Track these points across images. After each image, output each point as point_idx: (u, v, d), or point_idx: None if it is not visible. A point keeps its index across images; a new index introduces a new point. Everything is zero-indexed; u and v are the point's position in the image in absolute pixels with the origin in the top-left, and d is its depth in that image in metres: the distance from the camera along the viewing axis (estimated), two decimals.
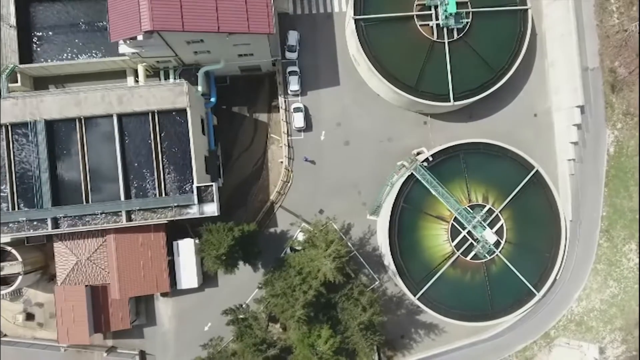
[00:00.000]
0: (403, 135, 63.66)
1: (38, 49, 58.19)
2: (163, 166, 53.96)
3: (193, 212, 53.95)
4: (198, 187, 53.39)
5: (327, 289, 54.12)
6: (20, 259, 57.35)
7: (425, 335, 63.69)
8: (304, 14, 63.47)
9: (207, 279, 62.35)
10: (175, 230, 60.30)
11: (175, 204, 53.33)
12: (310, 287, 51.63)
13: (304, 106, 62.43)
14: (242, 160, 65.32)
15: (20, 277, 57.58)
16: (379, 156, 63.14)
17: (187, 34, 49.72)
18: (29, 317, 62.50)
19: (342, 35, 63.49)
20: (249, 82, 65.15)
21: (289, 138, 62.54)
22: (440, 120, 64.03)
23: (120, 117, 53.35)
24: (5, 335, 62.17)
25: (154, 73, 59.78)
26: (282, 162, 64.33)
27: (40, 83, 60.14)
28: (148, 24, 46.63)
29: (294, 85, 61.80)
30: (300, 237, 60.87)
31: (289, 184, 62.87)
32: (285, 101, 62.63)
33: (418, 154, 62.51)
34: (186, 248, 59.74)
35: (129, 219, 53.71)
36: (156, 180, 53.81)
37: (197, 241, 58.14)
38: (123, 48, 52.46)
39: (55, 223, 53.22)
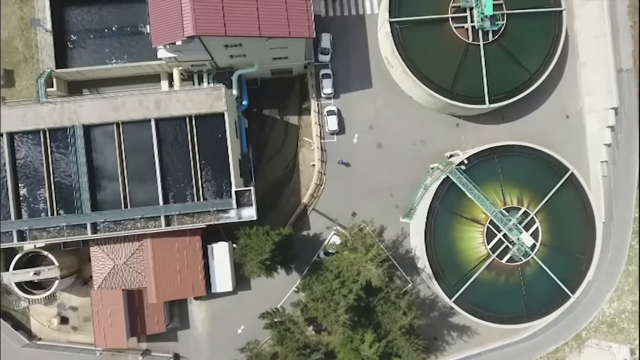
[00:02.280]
0: (435, 138, 63.56)
1: (73, 54, 58.13)
2: (201, 170, 54.00)
3: (231, 216, 54.04)
4: (236, 192, 53.51)
5: (365, 293, 54.16)
6: (57, 264, 57.47)
7: (458, 337, 63.77)
8: (336, 16, 63.25)
9: (240, 282, 62.38)
10: (208, 234, 60.39)
11: (214, 209, 53.39)
12: (350, 290, 51.65)
13: (337, 109, 62.35)
14: (273, 163, 65.28)
15: (57, 282, 57.70)
16: (411, 159, 63.10)
17: (226, 38, 49.64)
18: (63, 320, 62.63)
19: (374, 38, 63.29)
20: (279, 85, 64.97)
21: (322, 141, 62.46)
22: (472, 122, 63.92)
23: (158, 121, 53.46)
24: (40, 339, 62.45)
25: (187, 77, 59.68)
26: (313, 164, 64.30)
27: (74, 87, 60.14)
28: (191, 29, 46.51)
29: (327, 88, 61.64)
30: (335, 240, 61.01)
31: (322, 187, 62.84)
32: (318, 104, 62.51)
33: (451, 156, 62.45)
34: (221, 251, 59.77)
35: (168, 224, 53.81)
36: (194, 185, 53.90)
37: (234, 245, 58.04)
38: (162, 53, 52.39)
39: (95, 228, 53.40)
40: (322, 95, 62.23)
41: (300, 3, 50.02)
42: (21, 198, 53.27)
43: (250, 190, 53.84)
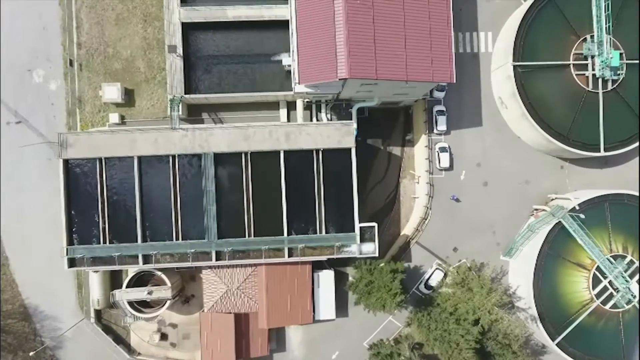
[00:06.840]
0: (540, 179, 64.31)
1: (197, 78, 58.30)
2: (325, 203, 54.62)
3: (352, 251, 54.84)
4: (361, 227, 54.23)
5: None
6: (169, 284, 58.11)
7: None
8: None
9: (337, 309, 63.11)
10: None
11: (339, 243, 54.12)
12: (467, 331, 52.58)
13: (448, 146, 62.98)
14: (375, 192, 66.03)
15: (168, 302, 58.41)
16: (515, 198, 63.86)
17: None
18: (163, 336, 63.37)
19: (486, 76, 63.79)
20: (385, 115, 65.62)
21: (431, 176, 63.13)
22: (577, 165, 64.69)
23: (286, 153, 54.02)
24: (139, 354, 63.28)
25: (306, 106, 60.21)
26: (414, 197, 65.06)
27: (193, 110, 60.49)
28: (345, 72, 47.10)
29: (441, 125, 62.18)
30: (438, 275, 61.94)
31: (427, 221, 63.57)
32: (429, 139, 63.04)
33: (555, 198, 63.24)
34: (326, 279, 60.63)
35: (290, 255, 54.52)
36: (317, 217, 54.57)
37: (351, 279, 58.78)
38: (299, 87, 52.77)
39: (218, 255, 54.07)
40: (434, 131, 62.78)
41: (444, 48, 50.65)
42: (147, 221, 53.89)
43: (374, 226, 54.64)
